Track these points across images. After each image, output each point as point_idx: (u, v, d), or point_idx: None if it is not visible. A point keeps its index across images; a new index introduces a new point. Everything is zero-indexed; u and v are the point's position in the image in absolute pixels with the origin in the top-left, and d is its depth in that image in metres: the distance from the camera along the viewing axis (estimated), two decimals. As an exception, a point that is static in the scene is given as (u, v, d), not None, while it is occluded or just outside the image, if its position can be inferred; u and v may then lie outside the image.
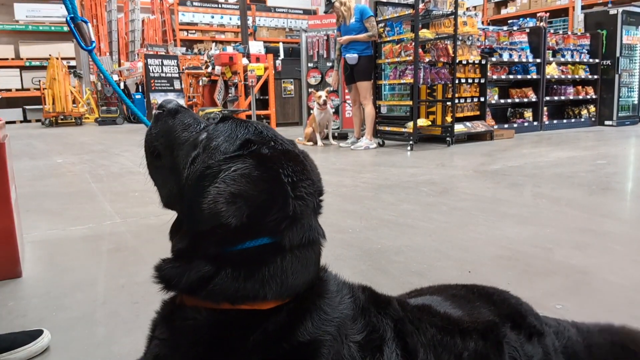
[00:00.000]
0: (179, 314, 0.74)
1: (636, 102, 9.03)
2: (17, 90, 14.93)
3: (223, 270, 0.70)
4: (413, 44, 6.04)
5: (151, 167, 0.87)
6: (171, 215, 0.89)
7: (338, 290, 0.79)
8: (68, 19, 1.08)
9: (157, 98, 11.37)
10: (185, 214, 0.77)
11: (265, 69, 9.59)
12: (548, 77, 7.98)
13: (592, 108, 8.71)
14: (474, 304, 1.03)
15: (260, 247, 0.72)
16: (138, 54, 15.58)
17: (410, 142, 6.14)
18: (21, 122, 15.03)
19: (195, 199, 0.70)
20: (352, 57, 6.19)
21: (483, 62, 6.89)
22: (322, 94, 6.58)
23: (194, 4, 17.74)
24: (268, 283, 0.71)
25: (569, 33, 8.71)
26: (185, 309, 0.74)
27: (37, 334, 1.43)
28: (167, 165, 0.84)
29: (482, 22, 11.39)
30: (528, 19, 9.17)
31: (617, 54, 8.43)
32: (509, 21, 9.60)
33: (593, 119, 8.71)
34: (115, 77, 13.06)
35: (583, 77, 8.51)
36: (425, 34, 6.25)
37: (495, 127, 7.27)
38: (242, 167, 0.71)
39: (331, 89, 7.16)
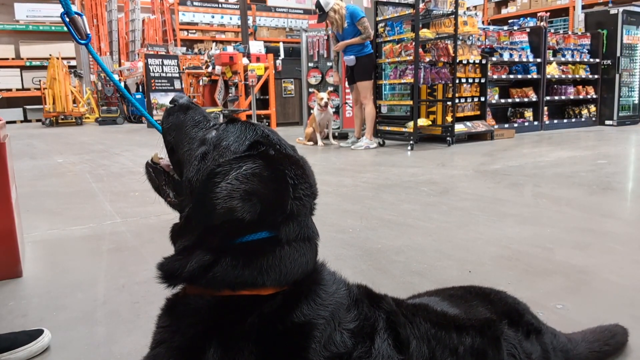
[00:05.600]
0: (181, 301, 0.78)
1: (637, 101, 9.02)
2: (17, 90, 14.94)
3: (223, 259, 0.75)
4: (413, 43, 6.04)
5: (172, 162, 0.92)
6: (172, 215, 0.90)
7: (334, 282, 0.83)
8: (62, 14, 1.07)
9: (157, 98, 11.38)
10: (195, 208, 0.79)
11: (266, 68, 9.59)
12: (548, 76, 7.98)
13: (592, 108, 8.71)
14: (470, 303, 1.04)
15: (258, 240, 0.76)
16: (138, 54, 15.60)
17: (411, 142, 6.14)
18: (21, 122, 15.04)
19: (207, 194, 0.74)
20: (349, 59, 6.21)
21: (483, 61, 6.89)
22: (324, 95, 6.59)
23: (194, 3, 17.74)
24: (266, 272, 0.75)
25: (570, 33, 8.71)
26: (188, 297, 0.77)
27: (38, 333, 1.43)
28: (178, 159, 0.88)
29: (483, 22, 11.38)
30: (528, 18, 9.17)
31: (618, 54, 8.43)
32: (510, 21, 9.59)
33: (593, 119, 8.71)
34: (116, 77, 13.06)
35: (583, 76, 8.51)
36: (425, 33, 6.24)
37: (496, 126, 7.27)
38: (253, 166, 0.75)
39: (332, 89, 7.16)
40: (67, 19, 1.08)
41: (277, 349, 0.72)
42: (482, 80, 6.93)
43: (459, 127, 6.64)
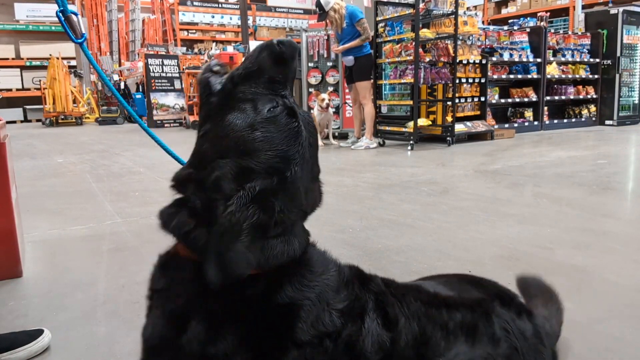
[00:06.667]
0: (172, 263, 0.80)
1: (637, 101, 9.02)
2: (17, 90, 14.94)
3: (199, 227, 0.74)
4: (413, 43, 6.04)
5: (204, 103, 0.83)
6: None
7: (322, 263, 0.83)
8: (58, 12, 1.08)
9: (157, 98, 11.39)
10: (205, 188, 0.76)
11: (266, 68, 9.58)
12: (548, 76, 7.97)
13: (592, 108, 8.71)
14: (463, 287, 1.07)
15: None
16: (138, 54, 15.61)
17: (411, 142, 6.14)
18: (22, 122, 15.04)
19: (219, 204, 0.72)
20: (348, 59, 6.21)
21: (483, 61, 6.89)
22: (325, 97, 6.60)
23: (195, 3, 17.75)
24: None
25: (570, 33, 8.71)
26: (178, 259, 0.79)
27: (38, 333, 1.43)
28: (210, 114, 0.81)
29: (483, 22, 11.38)
30: (528, 18, 9.17)
31: (618, 54, 8.43)
32: (510, 21, 9.60)
33: (593, 119, 8.71)
34: (116, 77, 13.08)
35: (583, 76, 8.51)
36: (425, 33, 6.24)
37: (496, 126, 7.27)
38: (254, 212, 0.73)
39: (332, 89, 7.16)
40: (63, 17, 1.08)
41: (262, 328, 0.73)
42: (482, 80, 6.93)
43: (459, 127, 6.64)
